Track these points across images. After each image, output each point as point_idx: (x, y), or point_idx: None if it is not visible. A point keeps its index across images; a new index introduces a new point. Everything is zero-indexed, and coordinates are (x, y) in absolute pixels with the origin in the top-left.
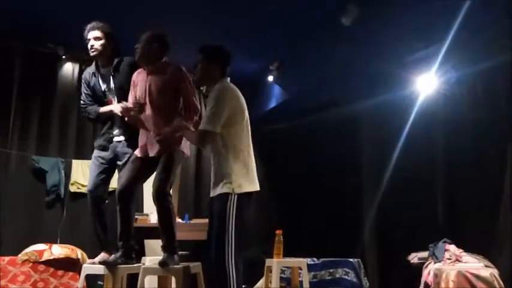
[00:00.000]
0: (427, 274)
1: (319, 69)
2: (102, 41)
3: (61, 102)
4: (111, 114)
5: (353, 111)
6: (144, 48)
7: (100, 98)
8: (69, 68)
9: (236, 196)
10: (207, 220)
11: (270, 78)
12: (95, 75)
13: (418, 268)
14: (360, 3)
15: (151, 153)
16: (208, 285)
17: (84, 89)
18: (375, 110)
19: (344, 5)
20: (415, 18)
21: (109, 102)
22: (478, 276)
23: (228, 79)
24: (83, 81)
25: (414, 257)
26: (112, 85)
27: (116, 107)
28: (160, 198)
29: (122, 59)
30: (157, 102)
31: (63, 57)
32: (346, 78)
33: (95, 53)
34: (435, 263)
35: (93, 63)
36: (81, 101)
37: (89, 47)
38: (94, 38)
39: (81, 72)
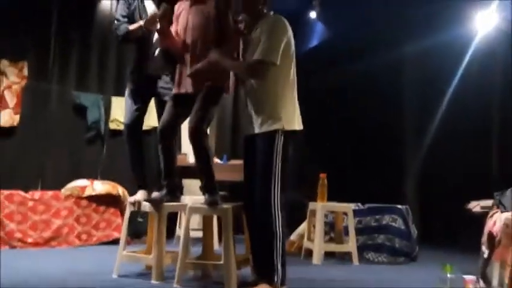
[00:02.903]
0: (493, 224)
1: (365, 7)
2: None
3: (100, 37)
4: (147, 44)
5: (401, 52)
6: None
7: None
8: (107, 3)
9: (283, 134)
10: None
11: (313, 14)
12: None
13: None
14: None
15: (184, 90)
16: (248, 226)
17: (122, 9)
18: (425, 51)
19: None
20: None
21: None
22: None
23: (272, 13)
24: (122, 1)
25: (476, 206)
26: None
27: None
28: (196, 137)
29: None
30: (198, 34)
31: None
32: (396, 16)
33: None
34: (502, 212)
35: None
36: (116, 20)
37: None
38: None
39: None
